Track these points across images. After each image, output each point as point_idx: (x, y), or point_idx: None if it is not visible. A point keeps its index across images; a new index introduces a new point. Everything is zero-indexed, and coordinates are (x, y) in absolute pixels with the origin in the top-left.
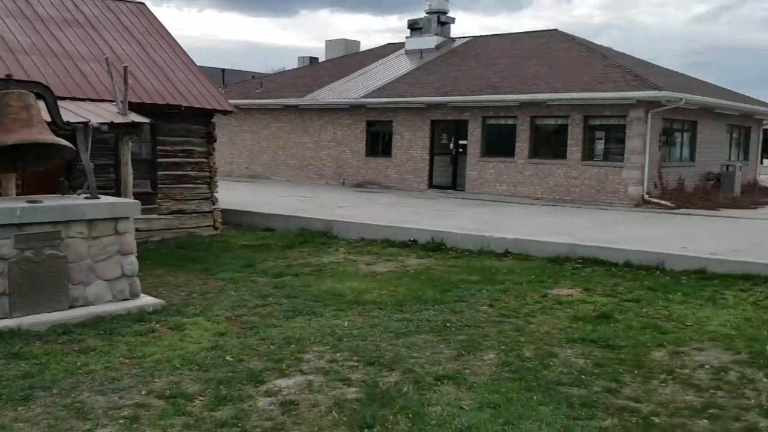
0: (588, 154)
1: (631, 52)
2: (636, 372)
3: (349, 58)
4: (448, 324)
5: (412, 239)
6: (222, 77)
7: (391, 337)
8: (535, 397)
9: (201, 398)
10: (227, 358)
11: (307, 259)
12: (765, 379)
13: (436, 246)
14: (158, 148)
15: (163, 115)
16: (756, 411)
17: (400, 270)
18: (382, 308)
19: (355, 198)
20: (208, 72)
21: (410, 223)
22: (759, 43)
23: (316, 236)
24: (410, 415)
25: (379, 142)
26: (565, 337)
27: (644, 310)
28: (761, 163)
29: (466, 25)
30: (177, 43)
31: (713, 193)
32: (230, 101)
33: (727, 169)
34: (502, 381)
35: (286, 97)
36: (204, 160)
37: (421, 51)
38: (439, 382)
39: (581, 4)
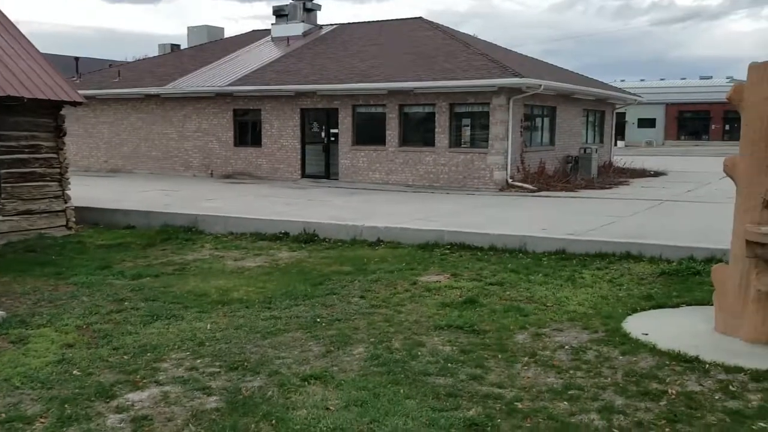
0: (455, 141)
1: (495, 39)
2: (500, 356)
3: (212, 46)
4: (318, 319)
5: (283, 231)
6: (75, 66)
7: (257, 337)
8: (402, 391)
9: (42, 420)
10: (75, 372)
11: (169, 258)
12: (621, 357)
13: (308, 237)
14: (0, 144)
15: (4, 108)
16: (612, 389)
17: (271, 264)
18: (249, 307)
19: (224, 190)
20: (60, 61)
21: (282, 214)
22: (610, 30)
23: (180, 232)
24: (273, 422)
25: (248, 132)
26: (433, 325)
27: (508, 293)
28: (615, 145)
29: (337, 12)
30: (18, 30)
31: (572, 176)
32: (85, 91)
33: (585, 151)
34: (370, 376)
35: (146, 86)
36: (53, 155)
37: (288, 38)
38: (306, 383)
39: None
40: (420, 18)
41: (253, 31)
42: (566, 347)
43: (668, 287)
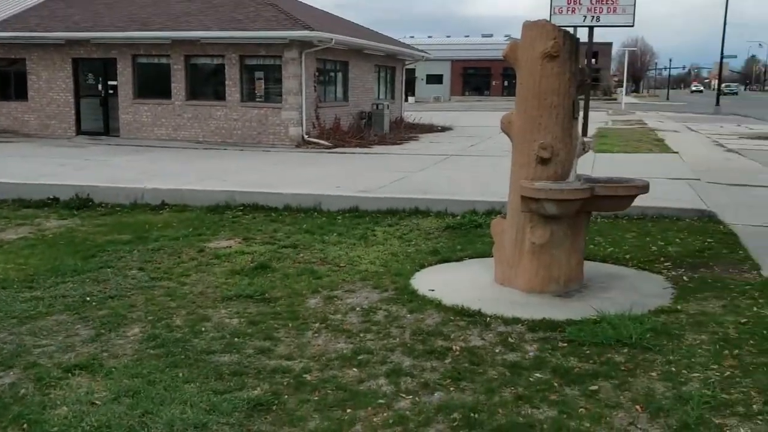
0: (248, 96)
1: None
2: (291, 325)
3: None
4: (88, 298)
5: (52, 197)
6: None
7: (13, 323)
8: (181, 374)
9: None
10: None
11: None
12: (408, 315)
13: (81, 203)
14: None
15: None
16: (400, 350)
17: (36, 236)
18: (6, 287)
19: None
20: None
21: (51, 177)
22: None
23: None
24: (25, 426)
25: (10, 84)
26: (221, 296)
27: (301, 255)
28: (406, 100)
29: None
30: None
31: (366, 132)
32: None
33: (378, 107)
34: (145, 360)
35: None
36: None
37: None
38: (70, 375)
39: None
40: None
41: None
42: (357, 309)
43: (453, 241)
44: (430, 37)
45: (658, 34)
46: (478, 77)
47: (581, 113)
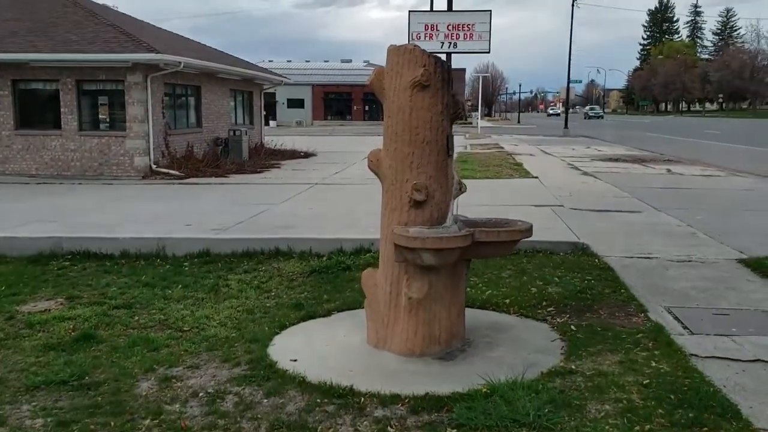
0: (87, 124)
1: (138, 12)
2: (113, 424)
3: None
4: None
5: None
6: None
7: None
8: None
9: None
10: None
11: None
12: (265, 401)
13: None
14: None
15: None
16: None
17: None
18: None
19: None
20: None
21: None
22: (259, 10)
23: None
24: None
25: None
26: (26, 384)
27: (136, 318)
28: (267, 125)
29: None
30: None
31: (222, 159)
32: None
33: (235, 133)
34: None
35: None
36: None
37: None
38: None
39: None
40: None
41: None
42: (201, 395)
43: (319, 289)
44: (289, 61)
45: (506, 59)
46: (339, 102)
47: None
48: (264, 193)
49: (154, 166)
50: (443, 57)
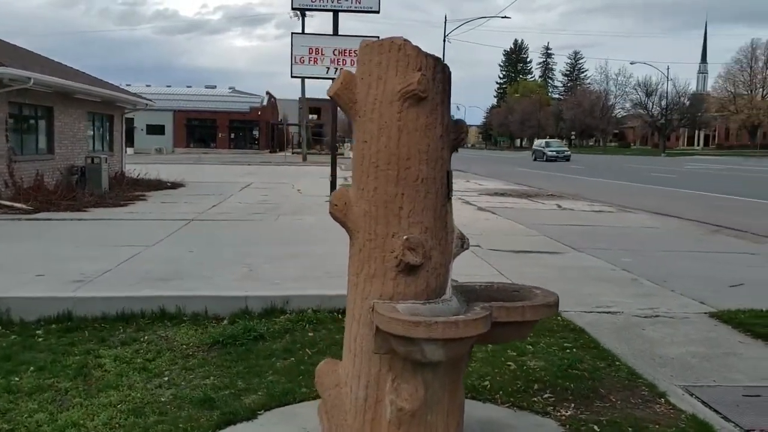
0: None
1: None
2: None
3: None
4: None
5: None
6: None
7: None
8: None
9: None
10: None
11: None
12: None
13: None
14: None
15: None
16: None
17: None
18: None
19: None
20: None
21: None
22: (118, 34)
23: None
24: None
25: None
26: None
27: None
28: (126, 152)
29: None
30: None
31: (78, 191)
32: None
33: (93, 161)
34: None
35: None
36: None
37: None
38: None
39: None
40: None
41: None
42: None
43: (228, 370)
44: (149, 85)
45: None
46: (203, 129)
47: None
48: (132, 231)
49: None
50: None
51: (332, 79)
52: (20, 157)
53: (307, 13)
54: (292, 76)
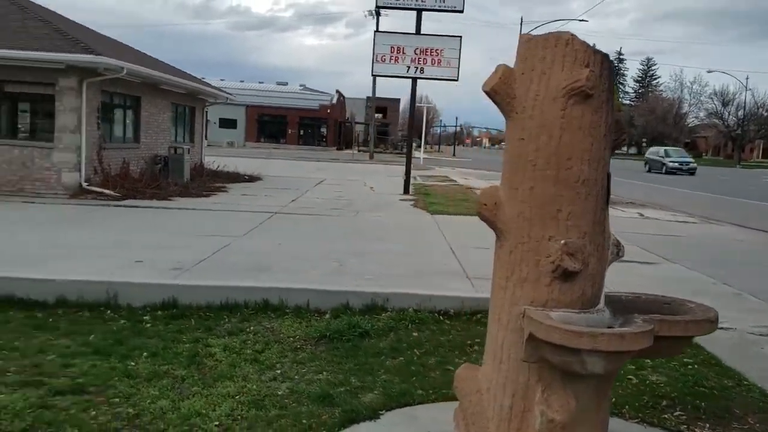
0: (8, 131)
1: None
2: None
3: None
4: None
5: None
6: None
7: None
8: None
9: None
10: None
11: None
12: None
13: None
14: None
15: None
16: None
17: None
18: None
19: None
20: None
21: None
22: (191, 28)
23: None
24: None
25: None
26: None
27: (92, 412)
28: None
29: None
30: None
31: (162, 179)
32: None
33: (176, 151)
34: None
35: None
36: None
37: None
38: None
39: None
40: None
41: None
42: None
43: (340, 366)
44: (222, 80)
45: (433, 91)
46: (273, 124)
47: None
48: (218, 221)
49: (85, 184)
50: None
51: (412, 78)
52: (109, 145)
53: (381, 12)
54: (372, 75)
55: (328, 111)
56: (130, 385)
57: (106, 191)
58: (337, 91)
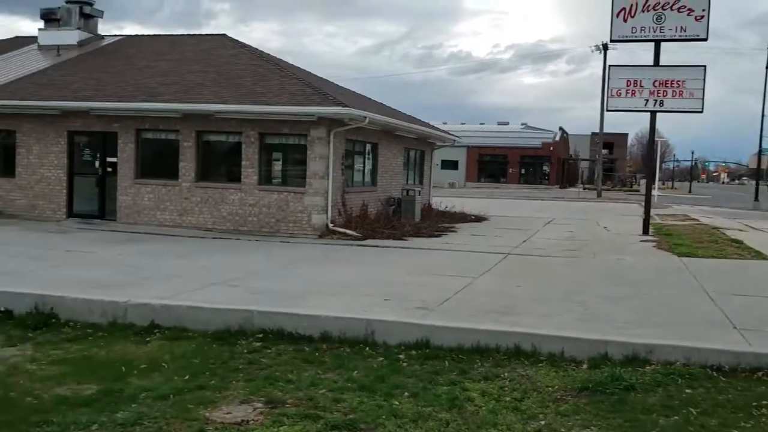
0: (266, 178)
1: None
2: None
3: None
4: None
5: (3, 308)
6: None
7: None
8: None
9: None
10: None
11: None
12: None
13: (41, 320)
14: None
15: None
16: None
17: None
18: None
19: None
20: None
21: (11, 278)
22: (413, 76)
23: None
24: None
25: None
26: None
27: None
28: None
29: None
30: None
31: (395, 220)
32: None
33: (408, 193)
34: None
35: None
36: None
37: (59, 47)
38: None
39: (258, 29)
40: (223, 35)
41: (17, 37)
42: None
43: (609, 421)
44: (445, 123)
45: (665, 126)
46: (494, 164)
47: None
48: (453, 261)
49: (330, 225)
50: (625, 117)
51: (650, 111)
52: (350, 189)
53: (609, 45)
54: (606, 110)
55: (551, 148)
56: (398, 425)
57: (348, 231)
58: (560, 128)
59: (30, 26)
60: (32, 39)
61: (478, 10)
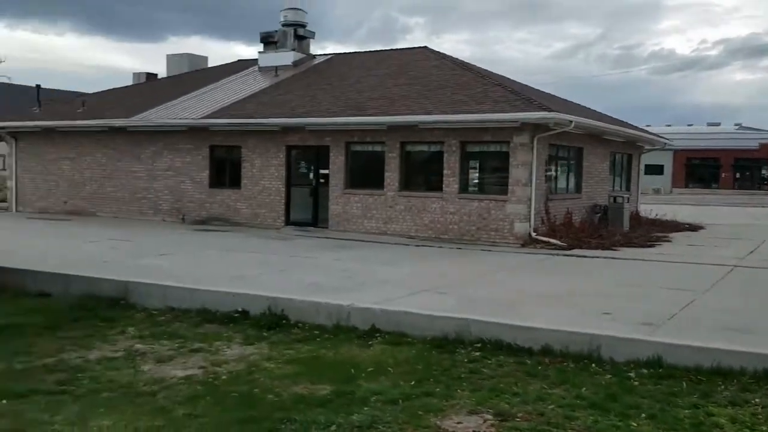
0: (466, 186)
1: None
2: None
3: (192, 75)
4: None
5: (240, 309)
6: (36, 94)
7: None
8: None
9: None
10: None
11: (61, 356)
12: None
13: (274, 320)
14: None
15: None
16: None
17: (206, 375)
18: None
19: (188, 240)
20: (18, 90)
21: (244, 281)
22: (611, 78)
23: (103, 305)
24: None
25: (225, 171)
26: None
27: None
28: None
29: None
30: None
31: (602, 229)
32: (45, 122)
33: (615, 200)
34: None
35: (111, 117)
36: None
37: (276, 68)
38: None
39: (449, 40)
40: (425, 47)
41: (239, 60)
42: None
43: None
44: (648, 125)
45: None
46: (704, 168)
47: None
48: (672, 273)
49: (533, 234)
50: None
51: None
52: (553, 196)
53: None
54: None
55: None
56: None
57: (553, 240)
58: None
59: (244, 50)
60: (252, 62)
61: (681, 4)
